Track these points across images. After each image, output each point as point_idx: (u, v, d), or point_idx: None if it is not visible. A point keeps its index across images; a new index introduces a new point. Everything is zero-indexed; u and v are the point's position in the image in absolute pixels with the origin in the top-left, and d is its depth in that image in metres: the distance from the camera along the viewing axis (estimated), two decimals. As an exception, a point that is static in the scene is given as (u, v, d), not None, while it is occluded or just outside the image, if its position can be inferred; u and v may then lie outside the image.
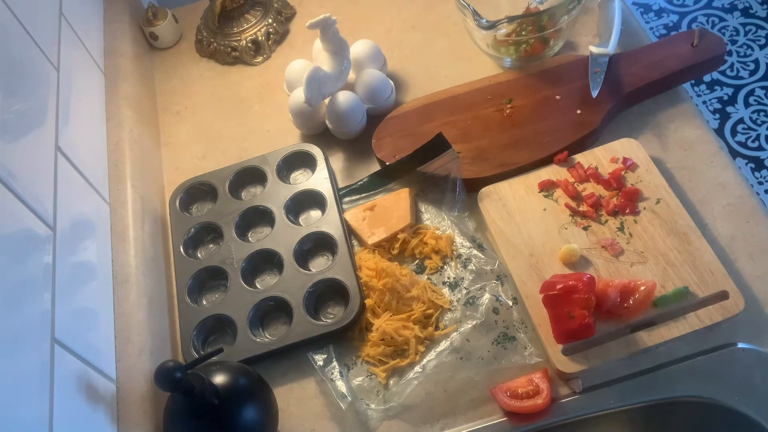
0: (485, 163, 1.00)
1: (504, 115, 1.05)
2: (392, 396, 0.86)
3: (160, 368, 0.70)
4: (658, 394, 0.82)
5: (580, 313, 0.80)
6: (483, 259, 0.94)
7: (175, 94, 1.25)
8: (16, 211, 0.73)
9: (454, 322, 0.90)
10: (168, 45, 1.32)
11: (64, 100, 0.93)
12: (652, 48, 1.08)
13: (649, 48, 1.08)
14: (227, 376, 0.79)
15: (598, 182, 0.95)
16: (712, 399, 0.81)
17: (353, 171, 1.08)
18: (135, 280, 0.92)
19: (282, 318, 0.94)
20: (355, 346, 0.91)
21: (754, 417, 0.79)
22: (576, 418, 0.82)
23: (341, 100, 1.06)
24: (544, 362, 0.85)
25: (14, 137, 0.77)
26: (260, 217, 1.04)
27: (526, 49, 1.09)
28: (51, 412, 0.68)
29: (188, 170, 1.13)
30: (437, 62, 1.17)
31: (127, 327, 0.88)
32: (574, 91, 1.05)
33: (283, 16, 1.29)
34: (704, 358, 0.82)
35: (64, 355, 0.74)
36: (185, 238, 1.02)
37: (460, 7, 1.04)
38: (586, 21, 1.15)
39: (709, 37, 1.04)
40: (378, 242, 0.97)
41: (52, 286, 0.75)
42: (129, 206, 0.99)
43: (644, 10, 2.49)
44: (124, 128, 1.07)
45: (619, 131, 1.02)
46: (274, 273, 0.98)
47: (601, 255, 0.89)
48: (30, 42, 0.88)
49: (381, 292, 0.90)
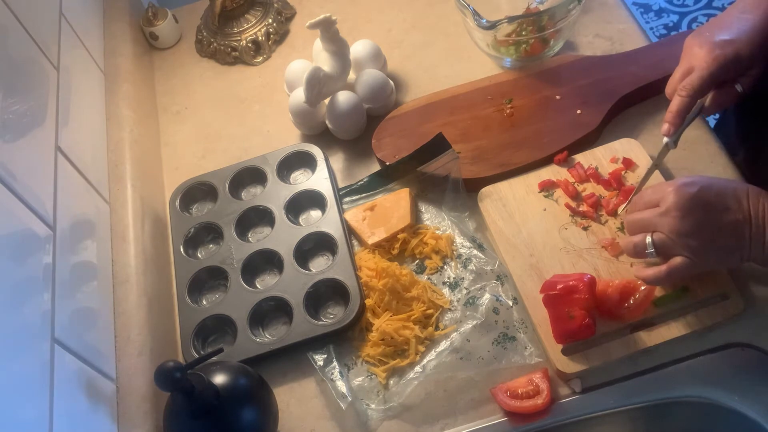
0: (485, 163, 1.00)
1: (504, 115, 1.05)
2: (392, 396, 0.86)
3: (160, 368, 0.70)
4: (658, 394, 0.82)
5: (580, 313, 0.80)
6: (483, 259, 0.94)
7: (175, 94, 1.25)
8: (16, 211, 0.73)
9: (454, 322, 0.90)
10: (168, 45, 1.32)
11: (64, 100, 0.93)
12: (652, 48, 1.08)
13: (649, 48, 1.08)
14: (227, 376, 0.79)
15: (598, 182, 0.95)
16: (712, 399, 0.81)
17: (353, 171, 1.08)
18: (135, 280, 0.92)
19: (282, 318, 0.94)
20: (355, 346, 0.91)
21: (754, 417, 0.79)
22: (576, 418, 0.82)
23: (341, 100, 1.06)
24: (544, 362, 0.85)
25: (14, 137, 0.77)
26: (260, 217, 1.04)
27: (526, 49, 1.09)
28: (51, 412, 0.68)
29: (188, 170, 1.13)
30: (437, 62, 1.17)
31: (127, 327, 0.88)
32: (574, 91, 1.05)
33: (283, 16, 1.29)
34: (704, 358, 0.82)
35: (64, 355, 0.74)
36: (185, 238, 1.02)
37: (460, 7, 1.04)
38: (586, 21, 1.15)
39: (709, 37, 1.04)
40: (378, 242, 0.97)
41: (52, 286, 0.75)
42: (129, 206, 0.99)
43: (644, 10, 2.49)
44: (124, 128, 1.07)
45: (619, 131, 1.02)
46: (274, 273, 0.98)
47: (601, 255, 0.89)
48: (30, 42, 0.88)
49: (381, 292, 0.90)
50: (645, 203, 0.83)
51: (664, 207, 0.78)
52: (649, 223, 0.81)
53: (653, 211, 0.80)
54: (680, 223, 0.77)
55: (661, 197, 0.79)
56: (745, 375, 0.81)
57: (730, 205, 0.76)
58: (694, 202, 0.77)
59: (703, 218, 0.77)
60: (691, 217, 0.77)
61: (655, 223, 0.80)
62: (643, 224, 0.82)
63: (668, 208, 0.78)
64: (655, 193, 0.81)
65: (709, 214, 0.77)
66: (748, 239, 0.76)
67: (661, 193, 0.80)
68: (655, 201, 0.80)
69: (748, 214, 0.76)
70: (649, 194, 0.83)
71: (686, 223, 0.77)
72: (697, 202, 0.77)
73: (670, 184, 0.79)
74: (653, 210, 0.80)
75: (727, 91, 0.85)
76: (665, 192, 0.79)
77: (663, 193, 0.79)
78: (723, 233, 0.77)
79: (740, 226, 0.76)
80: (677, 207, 0.77)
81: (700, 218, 0.77)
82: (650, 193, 0.82)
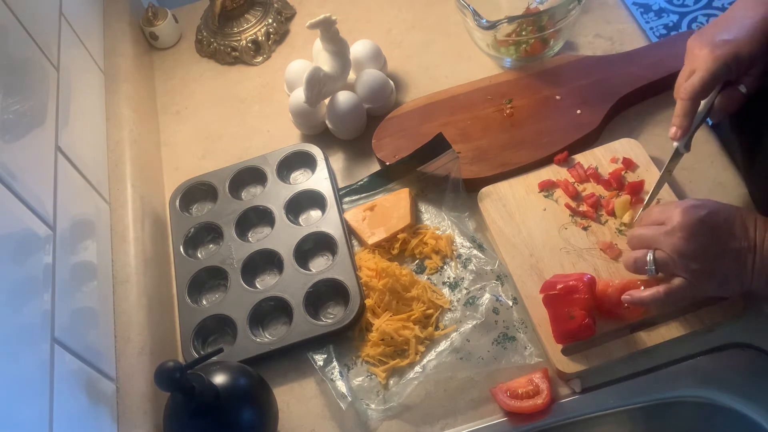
0: (485, 163, 1.00)
1: (504, 115, 1.05)
2: (392, 396, 0.86)
3: (160, 368, 0.70)
4: (658, 394, 0.82)
5: (580, 313, 0.80)
6: (483, 259, 0.94)
7: (175, 94, 1.25)
8: (16, 211, 0.73)
9: (454, 322, 0.90)
10: (168, 45, 1.32)
11: (64, 100, 0.93)
12: (652, 48, 1.08)
13: (649, 48, 1.08)
14: (227, 376, 0.79)
15: (598, 182, 0.95)
16: (712, 399, 0.81)
17: (353, 171, 1.08)
18: (135, 280, 0.92)
19: (282, 318, 0.94)
20: (355, 346, 0.91)
21: (754, 417, 0.79)
22: (576, 418, 0.82)
23: (341, 100, 1.06)
24: (544, 362, 0.85)
25: (14, 137, 0.77)
26: (260, 217, 1.04)
27: (526, 49, 1.09)
28: (51, 412, 0.68)
29: (188, 170, 1.13)
30: (437, 62, 1.17)
31: (127, 327, 0.88)
32: (574, 91, 1.05)
33: (283, 16, 1.29)
34: (704, 358, 0.82)
35: (64, 355, 0.74)
36: (185, 238, 1.02)
37: (460, 7, 1.04)
38: (586, 21, 1.15)
39: (709, 37, 1.04)
40: (378, 242, 0.97)
41: (52, 286, 0.75)
42: (129, 206, 0.99)
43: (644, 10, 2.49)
44: (124, 128, 1.07)
45: (619, 131, 1.02)
46: (274, 273, 0.98)
47: (601, 255, 0.89)
48: (30, 42, 0.88)
49: (381, 292, 0.90)
50: (652, 220, 0.82)
51: (670, 226, 0.78)
52: (653, 240, 0.80)
53: (658, 229, 0.79)
54: (684, 245, 0.76)
55: (668, 216, 0.79)
56: (745, 375, 0.81)
57: (736, 232, 0.76)
58: (700, 225, 0.76)
59: (708, 242, 0.76)
60: (695, 240, 0.76)
61: (659, 241, 0.79)
62: (647, 240, 0.81)
63: (674, 228, 0.77)
64: (663, 213, 0.80)
65: (714, 239, 0.76)
66: (751, 268, 0.76)
67: (668, 213, 0.79)
68: (662, 219, 0.80)
69: (754, 243, 0.75)
70: (656, 212, 0.82)
71: (690, 246, 0.76)
72: (704, 225, 0.76)
73: (678, 205, 0.79)
74: (658, 228, 0.80)
75: (731, 94, 0.84)
76: (673, 212, 0.78)
77: (670, 213, 0.79)
78: (725, 260, 0.76)
79: (744, 254, 0.75)
80: (683, 228, 0.76)
81: (704, 242, 0.76)
82: (657, 212, 0.82)
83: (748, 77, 0.84)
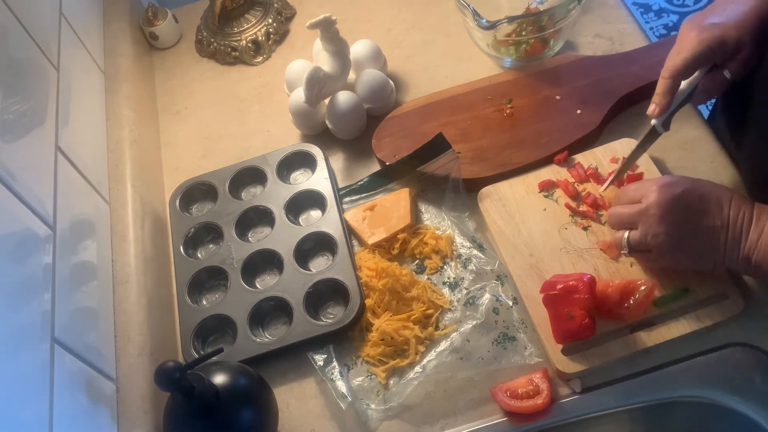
0: (485, 163, 1.00)
1: (504, 115, 1.05)
2: (392, 396, 0.86)
3: (160, 368, 0.70)
4: (658, 394, 0.82)
5: (580, 313, 0.80)
6: (483, 259, 0.94)
7: (175, 94, 1.25)
8: (16, 211, 0.73)
9: (454, 322, 0.90)
10: (168, 45, 1.32)
11: (64, 100, 0.93)
12: (652, 48, 1.08)
13: (649, 48, 1.08)
14: (227, 376, 0.79)
15: (598, 182, 0.95)
16: (712, 399, 0.81)
17: (353, 171, 1.08)
18: (135, 280, 0.92)
19: (282, 318, 0.94)
20: (355, 346, 0.91)
21: (754, 417, 0.79)
22: (576, 418, 0.82)
23: (341, 100, 1.06)
24: (544, 362, 0.85)
25: (14, 137, 0.77)
26: (260, 217, 1.04)
27: (526, 49, 1.09)
28: (51, 412, 0.68)
29: (188, 170, 1.13)
30: (437, 62, 1.17)
31: (127, 327, 0.88)
32: (574, 91, 1.05)
33: (283, 16, 1.29)
34: (704, 358, 0.82)
35: (64, 355, 0.74)
36: (185, 238, 1.02)
37: (460, 7, 1.04)
38: (586, 21, 1.15)
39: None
40: (378, 242, 0.97)
41: (52, 286, 0.75)
42: (129, 206, 0.99)
43: (644, 10, 2.49)
44: (124, 128, 1.07)
45: (619, 131, 1.02)
46: (274, 273, 0.98)
47: (601, 255, 0.89)
48: (30, 42, 0.88)
49: (381, 292, 0.90)
50: (628, 198, 0.84)
51: (644, 204, 0.80)
52: (628, 219, 0.82)
53: (633, 207, 0.81)
54: (658, 222, 0.78)
55: (644, 194, 0.80)
56: (745, 375, 0.81)
57: (710, 209, 0.77)
58: (674, 203, 0.78)
59: (681, 220, 0.78)
60: (669, 217, 0.78)
61: (634, 220, 0.81)
62: (622, 219, 0.84)
63: (648, 206, 0.79)
64: (639, 190, 0.82)
65: (688, 216, 0.78)
66: (723, 246, 0.77)
67: (644, 190, 0.81)
68: (638, 197, 0.82)
69: (727, 221, 0.76)
70: (632, 190, 0.84)
71: (664, 222, 0.78)
72: (678, 203, 0.78)
73: (654, 182, 0.81)
74: (633, 206, 0.82)
75: (715, 77, 0.85)
76: (648, 190, 0.80)
77: (646, 190, 0.81)
78: (697, 236, 0.78)
79: (716, 231, 0.77)
80: (657, 206, 0.78)
81: (677, 219, 0.78)
82: (634, 189, 0.84)
83: (733, 62, 0.84)
